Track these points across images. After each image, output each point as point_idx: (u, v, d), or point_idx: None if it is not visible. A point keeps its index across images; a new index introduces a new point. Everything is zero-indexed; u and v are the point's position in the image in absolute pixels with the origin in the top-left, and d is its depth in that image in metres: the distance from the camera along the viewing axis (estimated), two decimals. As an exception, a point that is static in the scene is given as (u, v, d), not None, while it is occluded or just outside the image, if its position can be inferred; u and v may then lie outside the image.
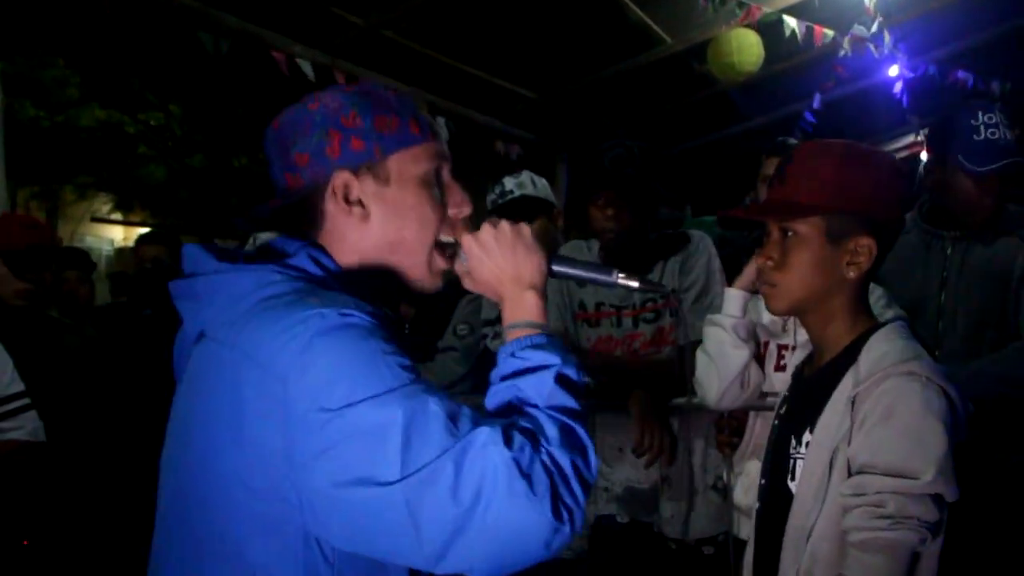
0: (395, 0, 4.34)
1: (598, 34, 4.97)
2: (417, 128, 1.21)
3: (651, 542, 2.58)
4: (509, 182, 2.98)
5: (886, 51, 4.95)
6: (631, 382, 2.49)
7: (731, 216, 1.82)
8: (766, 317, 2.12)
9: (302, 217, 1.22)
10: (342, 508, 0.98)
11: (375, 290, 1.18)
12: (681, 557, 2.55)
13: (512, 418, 1.04)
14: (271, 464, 1.01)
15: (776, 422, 1.69)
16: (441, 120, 5.21)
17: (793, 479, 1.54)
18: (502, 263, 1.21)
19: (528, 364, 1.10)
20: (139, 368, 3.01)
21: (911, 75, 5.35)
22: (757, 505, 1.70)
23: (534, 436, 1.01)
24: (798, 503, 1.50)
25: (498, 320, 2.80)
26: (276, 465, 1.01)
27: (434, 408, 0.99)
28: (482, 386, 2.57)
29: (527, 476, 0.96)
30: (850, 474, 1.41)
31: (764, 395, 2.15)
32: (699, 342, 2.46)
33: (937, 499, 1.36)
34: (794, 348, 2.16)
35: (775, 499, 1.58)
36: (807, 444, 1.51)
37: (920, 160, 6.66)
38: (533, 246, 1.24)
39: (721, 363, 2.00)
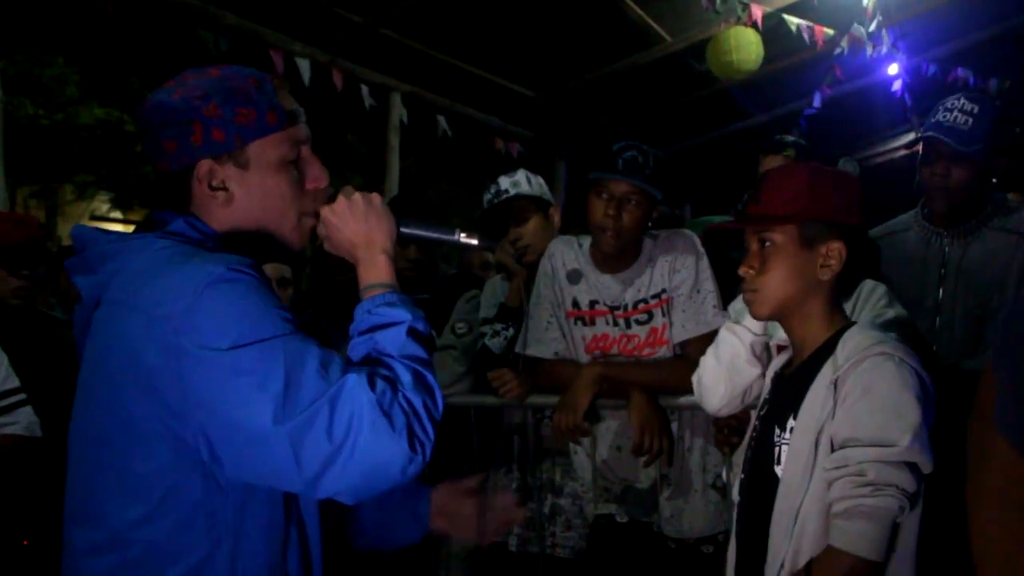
0: (394, -2, 4.34)
1: (597, 33, 4.97)
2: (274, 118, 1.31)
3: (650, 541, 2.58)
4: (504, 181, 2.97)
5: (884, 50, 4.95)
6: (630, 381, 2.49)
7: (717, 230, 1.86)
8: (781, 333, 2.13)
9: (174, 196, 1.33)
10: (232, 443, 1.13)
11: (250, 249, 1.29)
12: (680, 556, 2.54)
13: (373, 367, 1.19)
14: (167, 406, 1.14)
15: (757, 423, 1.80)
16: (442, 119, 5.23)
17: (779, 464, 1.64)
18: (356, 229, 1.34)
19: (383, 320, 1.25)
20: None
21: (910, 74, 5.36)
22: (738, 499, 1.78)
23: (392, 382, 1.17)
24: (784, 485, 1.60)
25: (496, 318, 2.81)
26: (171, 407, 1.14)
27: (311, 356, 1.15)
28: (481, 385, 2.56)
29: (387, 415, 1.13)
30: (833, 450, 1.53)
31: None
32: (689, 341, 2.48)
33: (914, 468, 1.48)
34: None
35: (760, 488, 1.68)
36: (791, 429, 1.62)
37: (919, 158, 6.68)
38: (383, 213, 1.37)
39: (732, 375, 2.01)
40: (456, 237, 1.49)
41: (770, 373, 1.88)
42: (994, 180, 2.64)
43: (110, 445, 1.20)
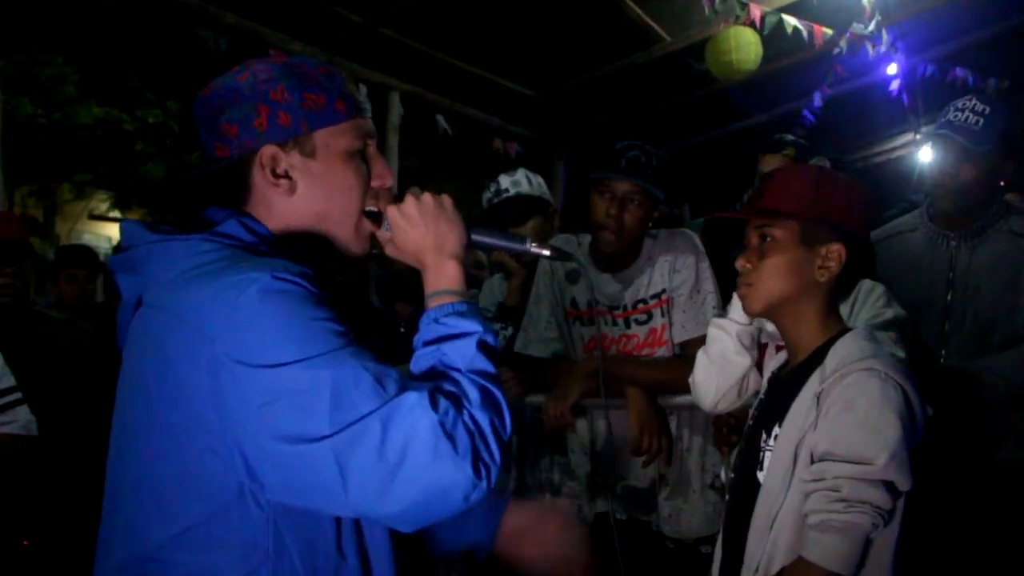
0: (394, -2, 4.34)
1: (596, 32, 4.96)
2: (343, 106, 1.25)
3: (649, 540, 2.58)
4: (504, 180, 2.98)
5: (884, 49, 4.95)
6: (628, 377, 2.49)
7: (718, 218, 1.85)
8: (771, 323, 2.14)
9: (231, 188, 1.25)
10: (273, 462, 1.04)
11: (306, 253, 1.22)
12: (679, 556, 2.54)
13: (437, 382, 1.11)
14: (202, 423, 1.07)
15: (751, 422, 1.80)
16: (442, 118, 5.23)
17: (762, 470, 1.64)
18: (425, 233, 1.25)
19: (451, 331, 1.16)
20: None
21: (908, 74, 5.36)
22: (727, 499, 1.79)
23: (457, 399, 1.08)
24: (764, 492, 1.60)
25: (495, 318, 2.81)
26: (207, 424, 1.06)
27: (362, 370, 1.05)
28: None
29: (451, 437, 1.03)
30: (813, 462, 1.52)
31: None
32: (689, 342, 2.47)
33: (890, 486, 1.47)
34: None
35: (744, 491, 1.68)
36: (775, 437, 1.62)
37: (917, 158, 6.68)
38: (454, 217, 1.28)
39: (722, 369, 2.04)
40: (528, 247, 1.42)
41: (767, 374, 1.87)
42: (1002, 183, 2.63)
43: (143, 458, 1.13)
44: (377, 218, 1.30)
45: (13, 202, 12.98)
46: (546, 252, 1.44)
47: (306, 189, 1.24)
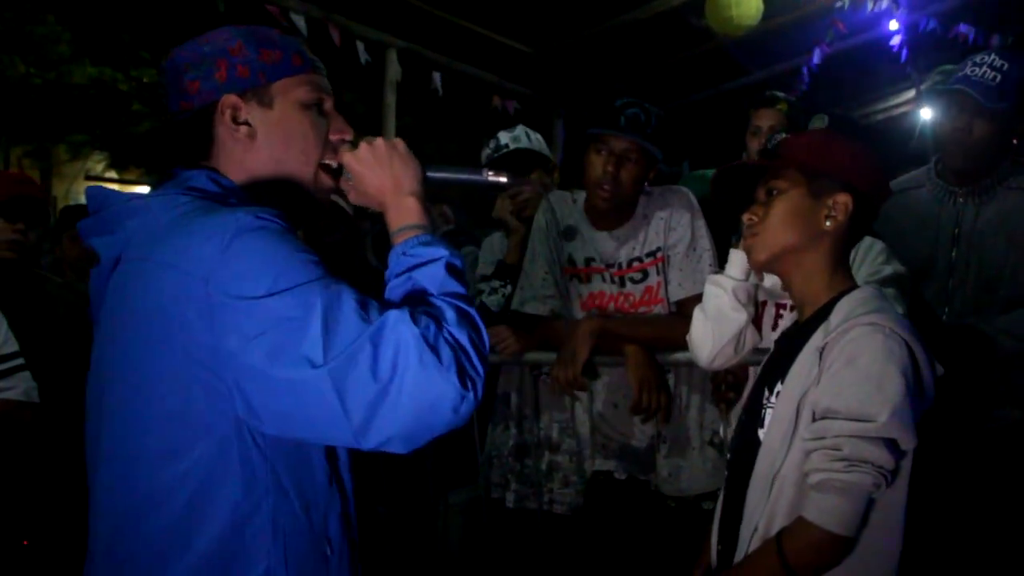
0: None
1: (595, -12, 4.91)
2: (299, 60, 1.33)
3: (649, 498, 2.60)
4: (504, 136, 2.97)
5: (884, 5, 4.89)
6: (628, 335, 2.49)
7: (727, 171, 1.83)
8: (768, 279, 2.14)
9: (195, 141, 1.32)
10: (272, 391, 1.09)
11: (273, 202, 1.26)
12: (681, 514, 2.56)
13: (413, 305, 1.15)
14: (198, 362, 1.12)
15: (756, 380, 1.79)
16: (437, 76, 5.18)
17: (763, 428, 1.62)
18: (381, 174, 1.31)
19: (419, 259, 1.21)
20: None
21: (910, 30, 5.30)
22: (728, 457, 1.79)
23: (435, 318, 1.13)
24: (765, 449, 1.59)
25: (494, 275, 2.81)
26: (203, 361, 1.11)
27: (347, 297, 1.11)
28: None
29: (434, 349, 1.08)
30: (814, 420, 1.51)
31: (765, 351, 2.17)
32: (686, 300, 2.48)
33: (892, 444, 1.45)
34: (792, 308, 2.19)
35: (745, 449, 1.67)
36: (778, 394, 1.61)
37: (918, 116, 6.63)
38: (408, 157, 1.34)
39: (718, 325, 2.04)
40: (484, 177, 1.46)
41: (777, 335, 1.86)
42: (1015, 141, 2.60)
43: (142, 407, 1.17)
44: (337, 174, 1.36)
45: (9, 163, 12.92)
46: (503, 179, 1.45)
47: (264, 136, 1.31)
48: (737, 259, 2.04)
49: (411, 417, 1.08)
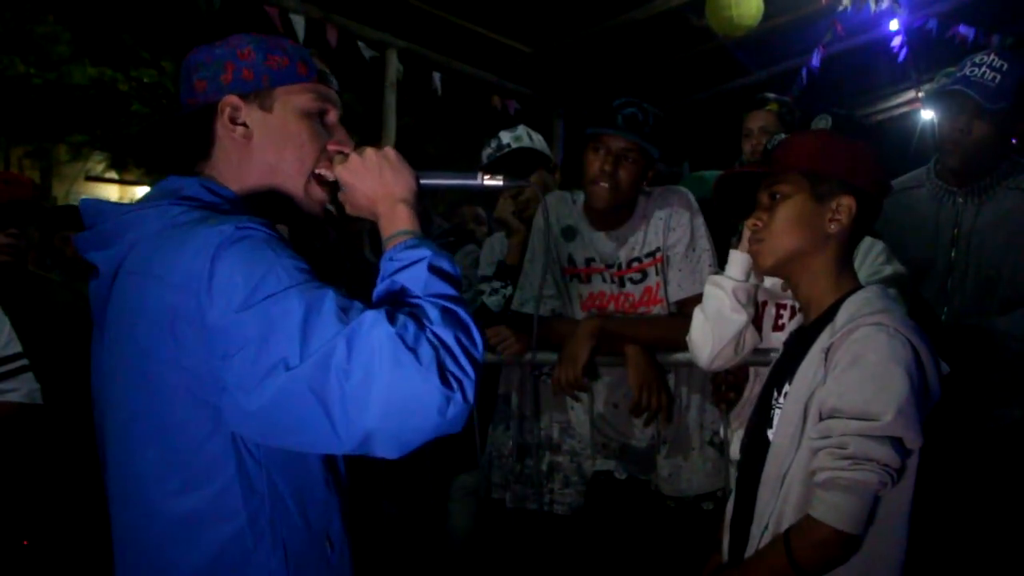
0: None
1: (595, -12, 4.90)
2: (304, 69, 1.35)
3: (649, 498, 2.60)
4: (505, 136, 2.96)
5: (886, 5, 4.89)
6: (628, 336, 2.49)
7: (728, 176, 1.83)
8: (768, 279, 2.15)
9: (194, 140, 1.34)
10: (256, 403, 1.08)
11: (262, 212, 1.27)
12: (680, 514, 2.56)
13: (394, 305, 1.15)
14: (193, 376, 1.13)
15: (766, 382, 1.79)
16: (437, 76, 5.18)
17: (772, 428, 1.63)
18: (372, 184, 1.32)
19: (403, 262, 1.21)
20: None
21: (910, 30, 5.29)
22: (739, 458, 1.80)
23: (417, 318, 1.11)
24: (774, 450, 1.60)
25: (495, 276, 2.81)
26: (200, 377, 1.13)
27: (328, 300, 1.11)
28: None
29: (412, 349, 1.07)
30: (821, 419, 1.51)
31: (766, 351, 2.17)
32: (686, 300, 2.48)
33: (898, 443, 1.46)
34: (794, 308, 2.19)
35: (755, 449, 1.68)
36: (786, 395, 1.62)
37: (919, 116, 6.63)
38: (399, 165, 1.33)
39: (718, 326, 2.05)
40: (479, 181, 1.44)
41: (784, 336, 1.87)
42: (1014, 141, 2.60)
43: (144, 418, 1.19)
44: (334, 187, 1.36)
45: (9, 163, 12.92)
46: (498, 181, 1.44)
47: (260, 139, 1.32)
48: (737, 260, 2.05)
49: (390, 417, 1.06)
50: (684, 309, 2.47)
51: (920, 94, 6.53)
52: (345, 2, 4.54)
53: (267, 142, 1.33)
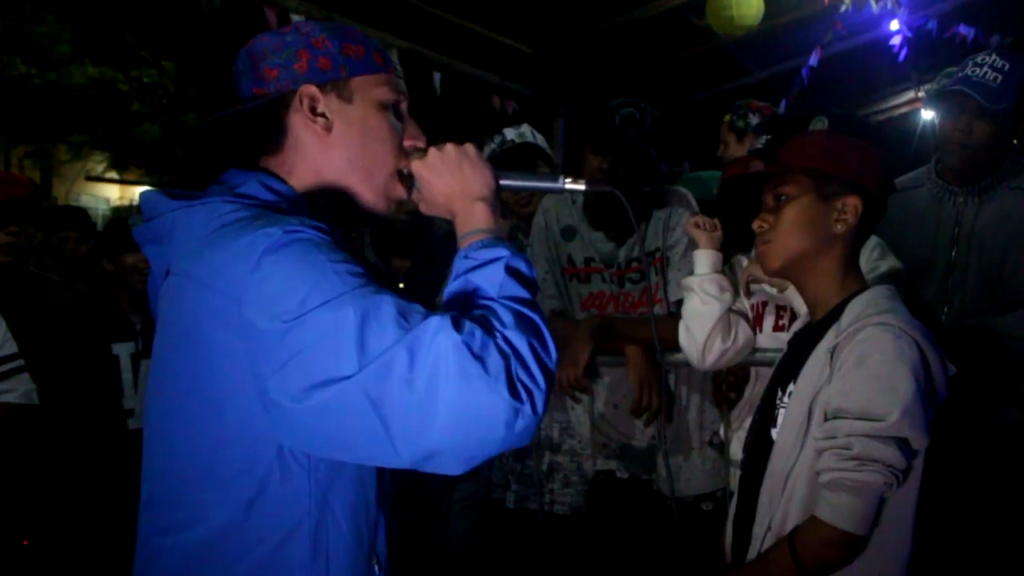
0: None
1: (595, -13, 4.91)
2: (380, 59, 1.30)
3: (650, 498, 2.60)
4: (509, 132, 2.98)
5: (887, 5, 4.89)
6: (628, 336, 2.49)
7: (733, 178, 1.83)
8: (767, 284, 2.17)
9: (264, 132, 1.26)
10: (309, 416, 1.01)
11: (325, 212, 1.23)
12: (680, 514, 2.56)
13: (464, 309, 1.09)
14: (240, 387, 1.07)
15: (770, 381, 1.79)
16: (437, 76, 5.18)
17: (776, 427, 1.63)
18: (450, 181, 1.26)
19: (478, 261, 1.15)
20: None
21: (910, 30, 5.29)
22: (742, 457, 1.80)
23: (487, 321, 1.05)
24: (778, 449, 1.60)
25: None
26: (245, 386, 1.06)
27: (385, 306, 1.03)
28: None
29: (479, 358, 0.99)
30: (826, 419, 1.51)
31: (766, 351, 2.17)
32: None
33: (903, 444, 1.45)
34: (794, 312, 2.20)
35: (758, 448, 1.68)
36: (790, 394, 1.61)
37: (919, 116, 6.62)
38: (479, 162, 1.28)
39: (694, 323, 2.11)
40: (561, 184, 1.37)
41: (786, 337, 1.87)
42: (1015, 142, 2.60)
43: (186, 421, 1.14)
44: (410, 182, 1.31)
45: (10, 163, 12.93)
46: (581, 187, 1.39)
47: (342, 131, 1.26)
48: (701, 257, 2.15)
49: (454, 431, 0.99)
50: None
51: (920, 94, 6.53)
52: (345, 2, 4.55)
53: (348, 137, 1.26)
